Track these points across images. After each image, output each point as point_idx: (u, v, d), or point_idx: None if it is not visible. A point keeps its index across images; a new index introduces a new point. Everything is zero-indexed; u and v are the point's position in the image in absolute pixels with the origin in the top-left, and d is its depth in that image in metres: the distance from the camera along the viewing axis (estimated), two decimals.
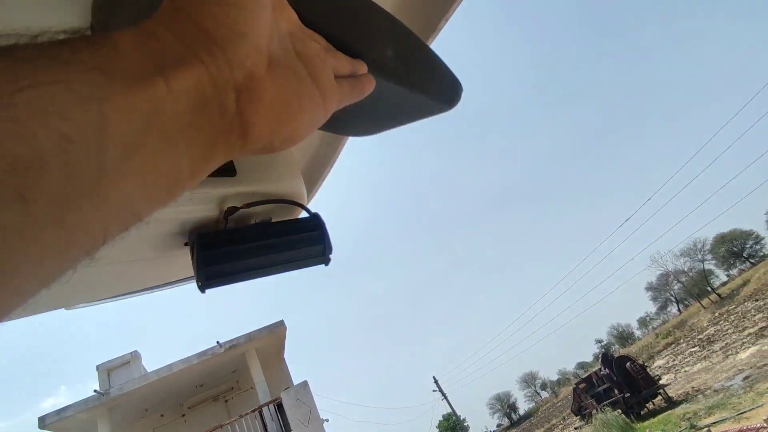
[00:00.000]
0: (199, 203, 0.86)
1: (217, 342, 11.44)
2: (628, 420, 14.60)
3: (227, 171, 0.87)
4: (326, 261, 0.99)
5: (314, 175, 1.22)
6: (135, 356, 12.87)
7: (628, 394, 15.47)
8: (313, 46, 0.36)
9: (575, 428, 24.95)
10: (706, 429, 8.53)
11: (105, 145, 0.20)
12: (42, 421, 10.01)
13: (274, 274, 0.93)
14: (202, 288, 0.84)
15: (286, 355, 14.21)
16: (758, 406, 9.43)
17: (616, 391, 16.28)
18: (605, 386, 17.34)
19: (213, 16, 0.27)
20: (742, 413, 9.54)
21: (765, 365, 12.98)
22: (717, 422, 9.80)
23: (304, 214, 1.03)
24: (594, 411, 17.52)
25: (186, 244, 0.94)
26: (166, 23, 0.26)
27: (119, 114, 0.21)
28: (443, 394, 35.09)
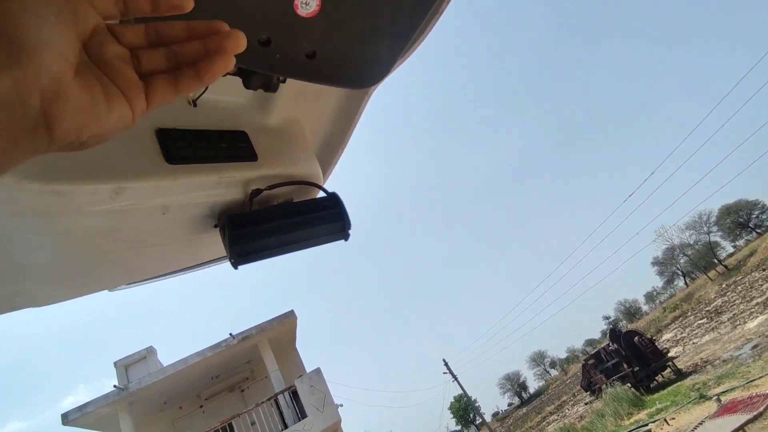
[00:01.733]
0: (226, 187, 0.92)
1: (230, 334, 11.62)
2: (637, 393, 14.80)
3: (249, 156, 0.93)
4: (346, 236, 1.05)
5: (328, 156, 1.27)
6: (151, 351, 13.10)
7: (637, 368, 15.62)
8: (113, 51, 0.38)
9: (585, 403, 25.26)
10: (715, 397, 8.64)
11: None
12: (65, 418, 10.26)
13: (298, 250, 0.99)
14: (235, 264, 0.90)
15: (297, 344, 14.42)
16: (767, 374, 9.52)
17: (624, 366, 16.44)
18: (614, 361, 17.51)
19: (20, 26, 0.31)
20: (751, 381, 9.64)
21: None
22: (726, 391, 9.92)
23: (321, 194, 1.09)
24: (603, 386, 17.74)
25: (215, 226, 1.01)
26: None
27: None
28: (453, 376, 35.52)
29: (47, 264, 0.84)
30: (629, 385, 15.60)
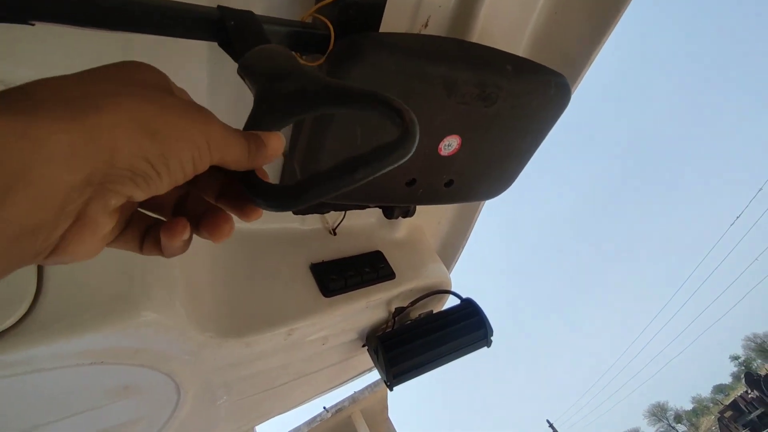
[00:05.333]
0: (373, 309, 0.97)
1: (324, 407, 11.61)
2: None
3: (389, 275, 0.98)
4: (488, 343, 1.04)
5: (450, 256, 1.30)
6: (250, 429, 13.43)
7: None
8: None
9: None
10: None
11: None
12: None
13: (446, 363, 1.00)
14: (391, 386, 0.93)
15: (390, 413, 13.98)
16: None
17: None
18: (758, 412, 14.75)
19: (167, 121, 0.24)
20: None
21: None
22: None
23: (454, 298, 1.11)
24: None
25: (363, 346, 1.06)
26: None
27: None
28: None
29: (232, 403, 0.93)
30: None
